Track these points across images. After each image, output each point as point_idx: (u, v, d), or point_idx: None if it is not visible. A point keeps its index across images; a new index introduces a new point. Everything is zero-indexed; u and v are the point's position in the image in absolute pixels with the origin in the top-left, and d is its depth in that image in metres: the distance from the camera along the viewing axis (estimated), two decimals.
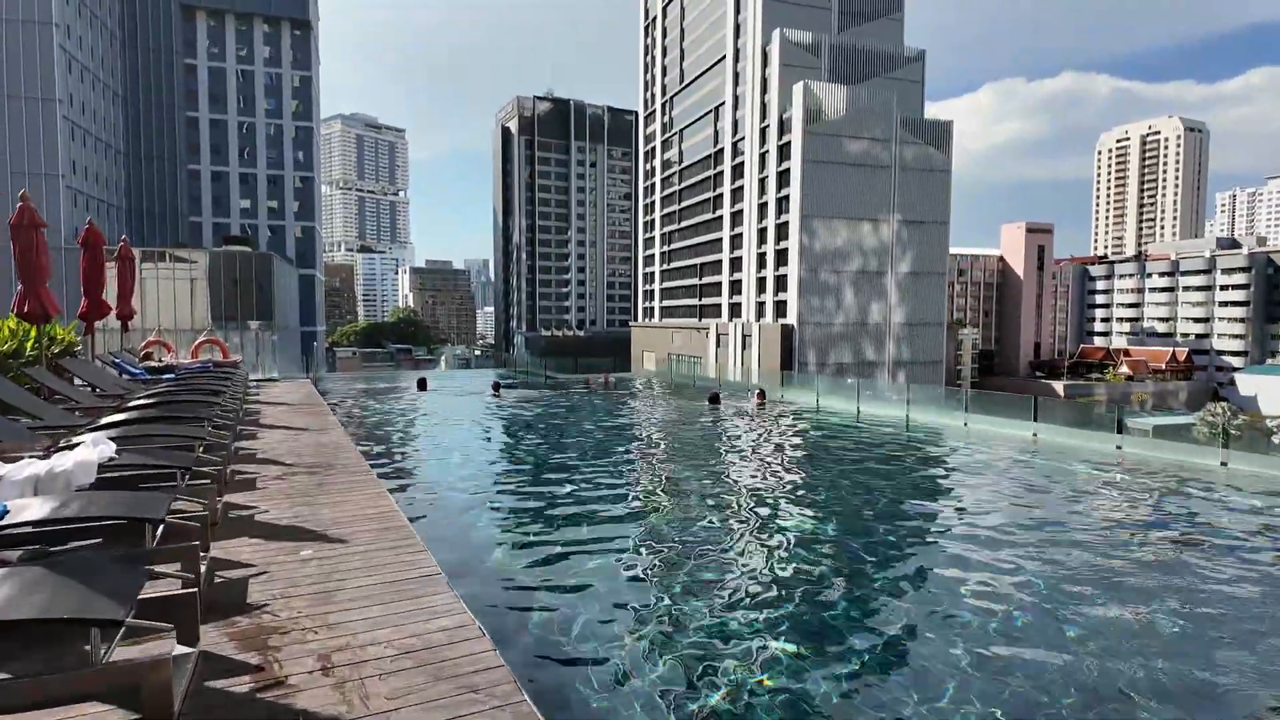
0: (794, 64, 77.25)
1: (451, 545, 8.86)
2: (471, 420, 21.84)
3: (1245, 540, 9.90)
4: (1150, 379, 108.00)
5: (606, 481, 13.33)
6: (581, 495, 12.10)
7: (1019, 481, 14.04)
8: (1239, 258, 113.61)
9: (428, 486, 12.67)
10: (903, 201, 77.85)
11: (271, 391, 16.41)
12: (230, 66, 78.81)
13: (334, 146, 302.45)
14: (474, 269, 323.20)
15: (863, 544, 9.39)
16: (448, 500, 11.55)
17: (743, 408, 24.49)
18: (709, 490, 12.63)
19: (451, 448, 16.91)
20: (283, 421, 11.60)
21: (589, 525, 10.24)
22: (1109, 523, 10.94)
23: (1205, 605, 7.48)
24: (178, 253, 62.06)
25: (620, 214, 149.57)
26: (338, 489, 7.04)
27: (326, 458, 8.66)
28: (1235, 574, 8.42)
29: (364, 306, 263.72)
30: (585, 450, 16.66)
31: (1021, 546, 9.27)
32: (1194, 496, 12.65)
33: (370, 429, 19.15)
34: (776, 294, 78.24)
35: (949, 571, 8.43)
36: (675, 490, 12.63)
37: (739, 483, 13.38)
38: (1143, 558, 9.17)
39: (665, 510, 11.27)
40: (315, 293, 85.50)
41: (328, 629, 3.75)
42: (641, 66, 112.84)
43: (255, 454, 8.65)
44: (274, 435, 10.21)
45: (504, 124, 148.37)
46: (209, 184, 79.48)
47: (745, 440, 18.77)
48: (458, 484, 12.78)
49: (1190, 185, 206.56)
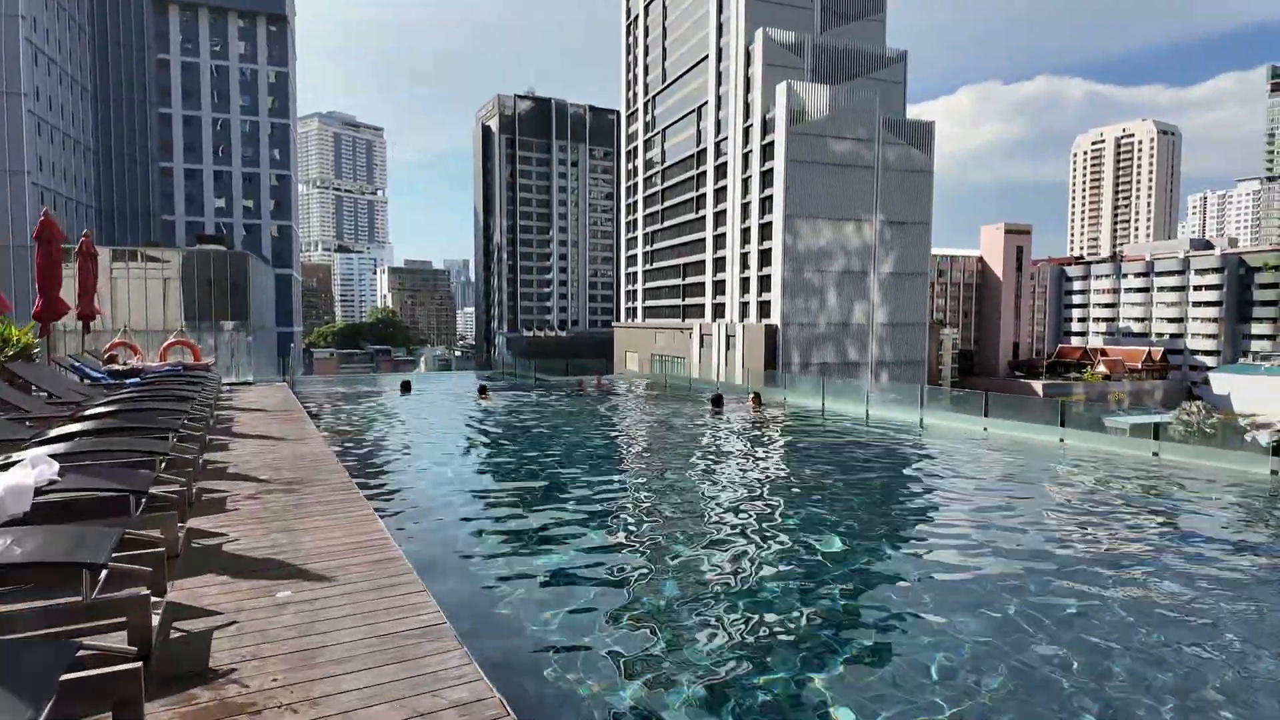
0: (777, 63, 76.98)
1: (455, 583, 7.68)
2: (462, 427, 20.66)
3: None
4: (1127, 378, 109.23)
5: (626, 501, 12.24)
6: (599, 516, 10.88)
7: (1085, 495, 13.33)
8: (1212, 259, 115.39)
9: (421, 507, 11.23)
10: (885, 202, 77.88)
11: (246, 396, 15.49)
12: (204, 62, 76.93)
13: (311, 145, 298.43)
14: (454, 269, 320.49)
15: (898, 566, 8.75)
16: (444, 526, 10.14)
17: (738, 412, 23.75)
18: (739, 509, 11.57)
19: (443, 460, 15.70)
20: (258, 429, 10.77)
21: (609, 555, 8.97)
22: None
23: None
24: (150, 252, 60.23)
25: (602, 214, 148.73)
26: (319, 510, 6.27)
27: (306, 472, 7.87)
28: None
29: (342, 307, 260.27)
30: (591, 462, 15.61)
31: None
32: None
33: (353, 438, 17.89)
34: (760, 294, 77.91)
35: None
36: (701, 512, 11.47)
37: (766, 501, 12.31)
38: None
39: (696, 538, 9.86)
40: (292, 293, 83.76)
41: (310, 705, 3.01)
42: (623, 66, 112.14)
43: (226, 468, 7.84)
44: (247, 446, 9.39)
45: (484, 122, 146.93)
46: (182, 182, 77.52)
47: (767, 450, 17.76)
48: (455, 504, 11.55)
49: (1163, 187, 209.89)
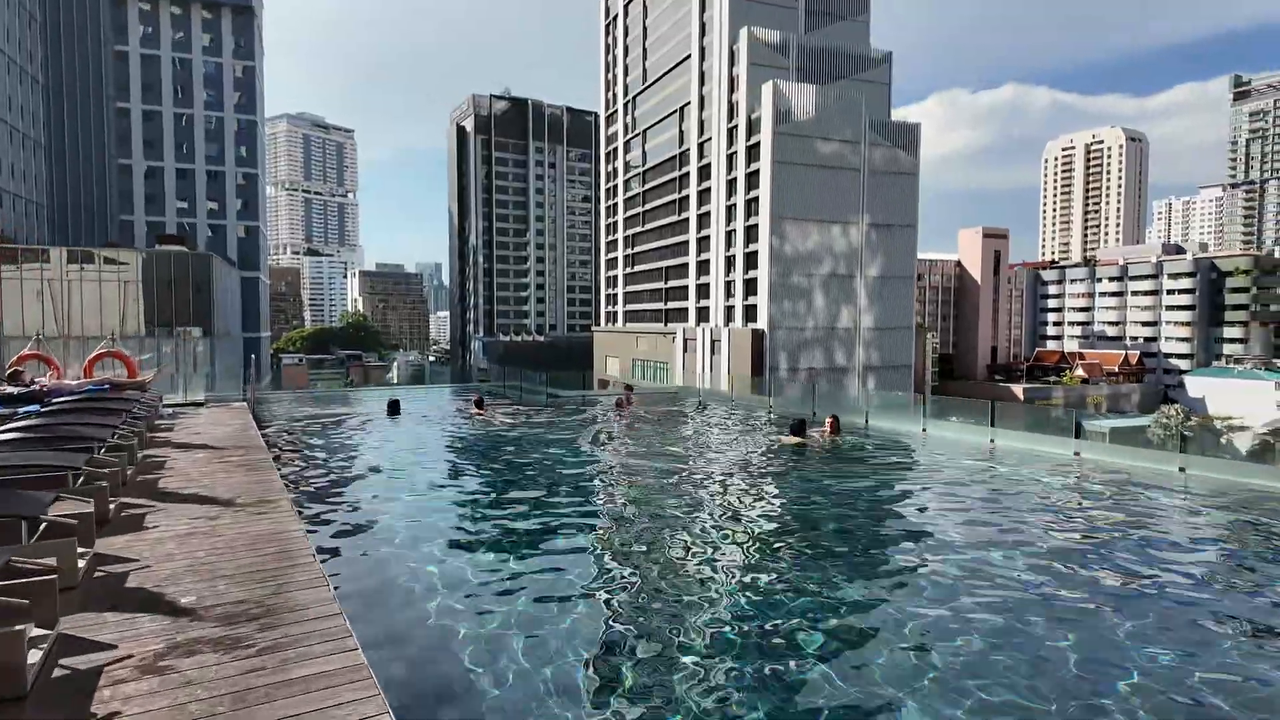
0: (762, 63, 75.62)
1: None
2: (486, 473, 14.33)
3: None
4: (1105, 381, 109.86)
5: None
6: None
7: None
8: (1184, 263, 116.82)
9: (422, 640, 6.36)
10: (871, 204, 76.85)
11: (193, 422, 12.72)
12: (165, 54, 73.42)
13: (279, 146, 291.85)
14: (426, 272, 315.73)
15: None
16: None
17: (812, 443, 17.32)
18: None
19: (477, 552, 8.95)
20: (200, 480, 8.18)
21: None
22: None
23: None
24: (107, 253, 57.19)
25: (580, 216, 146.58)
26: (298, 684, 3.72)
27: (269, 579, 5.19)
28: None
29: (311, 311, 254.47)
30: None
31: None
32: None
33: (331, 498, 11.43)
34: (746, 298, 76.38)
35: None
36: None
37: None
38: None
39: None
40: (260, 297, 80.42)
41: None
42: (603, 66, 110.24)
43: (138, 563, 5.33)
44: (180, 516, 6.68)
45: (459, 123, 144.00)
46: (142, 180, 73.91)
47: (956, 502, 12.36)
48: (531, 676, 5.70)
49: (1132, 193, 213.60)
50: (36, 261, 53.21)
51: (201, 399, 16.34)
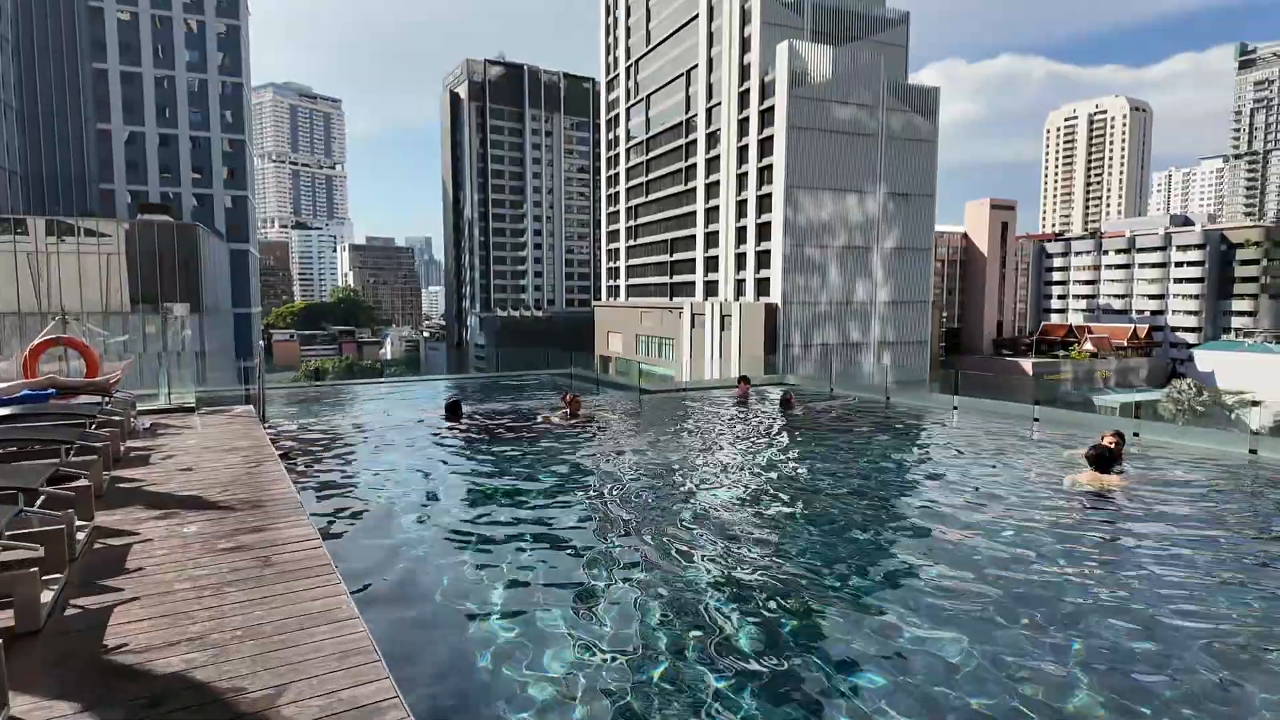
0: (776, 22, 71.90)
1: None
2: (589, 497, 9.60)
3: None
4: (1113, 356, 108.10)
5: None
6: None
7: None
8: (1193, 235, 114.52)
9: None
10: (889, 172, 73.77)
11: (183, 445, 8.15)
12: (143, 11, 68.99)
13: (265, 117, 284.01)
14: (418, 246, 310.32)
15: None
16: None
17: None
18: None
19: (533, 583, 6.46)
20: (203, 548, 4.86)
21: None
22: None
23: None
24: (88, 224, 53.72)
25: (578, 187, 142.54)
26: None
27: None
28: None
29: (301, 286, 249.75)
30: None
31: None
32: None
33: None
34: (758, 271, 73.51)
35: None
36: None
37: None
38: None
39: None
40: (249, 270, 76.96)
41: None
42: (602, 30, 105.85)
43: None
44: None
45: (453, 90, 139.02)
46: (122, 147, 69.93)
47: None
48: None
49: (1135, 164, 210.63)
50: (12, 234, 49.76)
51: (193, 402, 12.11)
